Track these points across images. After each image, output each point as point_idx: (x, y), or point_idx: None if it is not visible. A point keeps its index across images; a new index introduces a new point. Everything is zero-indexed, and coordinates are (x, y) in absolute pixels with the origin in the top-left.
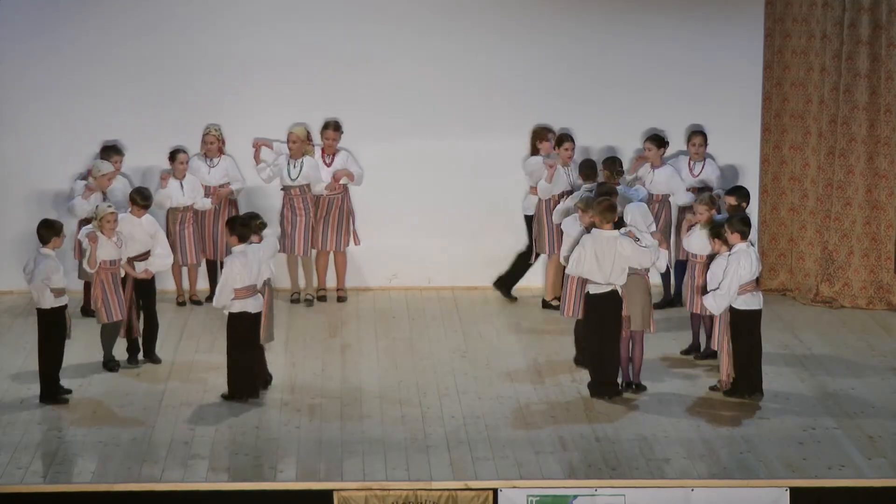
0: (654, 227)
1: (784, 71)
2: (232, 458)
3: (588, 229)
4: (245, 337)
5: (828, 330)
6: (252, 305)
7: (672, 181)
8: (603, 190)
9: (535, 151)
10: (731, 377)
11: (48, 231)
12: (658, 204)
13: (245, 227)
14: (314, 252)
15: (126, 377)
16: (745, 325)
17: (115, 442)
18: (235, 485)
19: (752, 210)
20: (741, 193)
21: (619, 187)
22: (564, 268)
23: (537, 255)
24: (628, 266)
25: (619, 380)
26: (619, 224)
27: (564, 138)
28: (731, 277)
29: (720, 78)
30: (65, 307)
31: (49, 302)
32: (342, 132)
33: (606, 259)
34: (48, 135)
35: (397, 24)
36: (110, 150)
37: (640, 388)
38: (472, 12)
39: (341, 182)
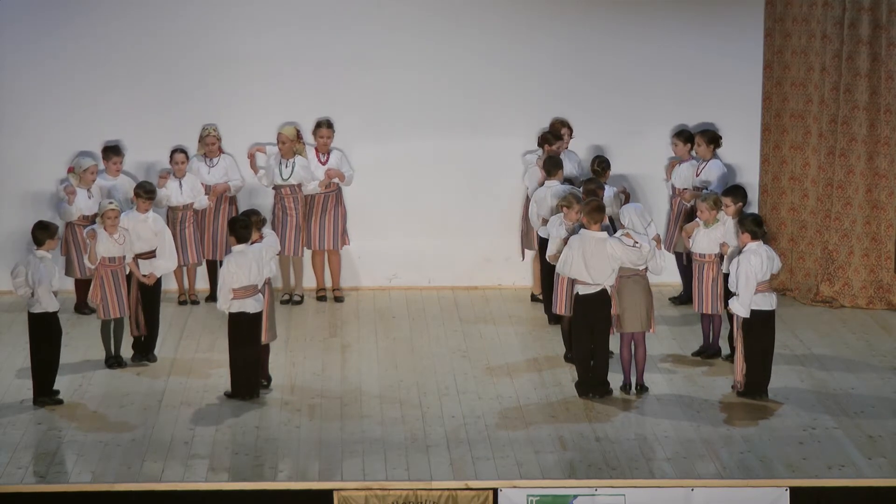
0: (652, 228)
1: (784, 71)
2: (232, 458)
3: (576, 230)
4: (244, 337)
5: (828, 330)
6: (251, 305)
7: (692, 178)
8: (589, 188)
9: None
10: (745, 378)
11: (43, 233)
12: (680, 198)
13: (245, 228)
14: (308, 252)
15: (126, 377)
16: (755, 326)
17: (115, 442)
18: (235, 485)
19: (752, 210)
20: (737, 194)
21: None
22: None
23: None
24: (622, 266)
25: (623, 380)
26: (613, 226)
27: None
28: (745, 277)
29: (720, 78)
30: (58, 309)
31: (54, 305)
32: (335, 130)
33: (594, 260)
34: (48, 135)
35: (396, 26)
36: (110, 151)
37: (642, 390)
38: (472, 14)
39: (333, 181)
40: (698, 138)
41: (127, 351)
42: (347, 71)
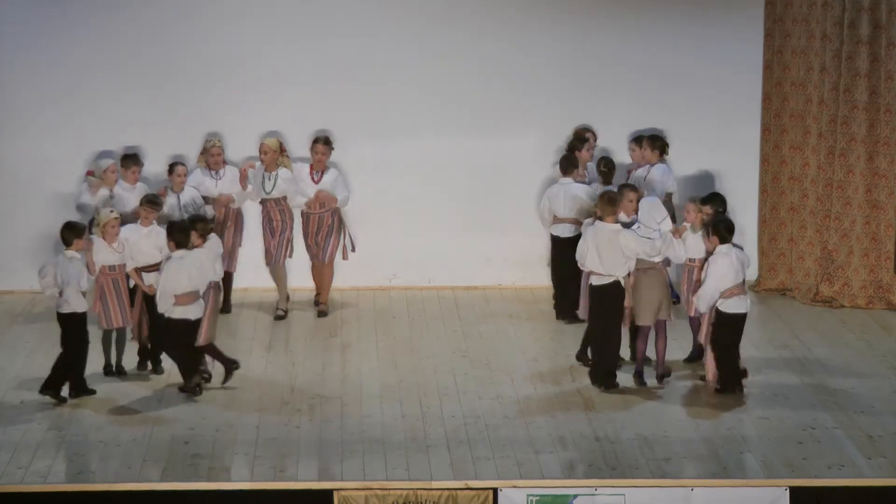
0: (668, 222)
1: (784, 71)
2: (232, 458)
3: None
4: (183, 341)
5: (828, 330)
6: (193, 312)
7: (648, 182)
8: (624, 186)
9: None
10: (717, 375)
11: (71, 233)
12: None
13: (183, 232)
14: (292, 263)
15: (126, 377)
16: (728, 328)
17: (116, 442)
18: (235, 485)
19: (752, 210)
20: (716, 202)
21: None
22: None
23: None
24: (638, 258)
25: (635, 368)
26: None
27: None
28: (710, 278)
29: (720, 78)
30: (87, 310)
31: (83, 305)
32: (332, 147)
33: (606, 251)
34: (56, 138)
35: (397, 26)
36: (129, 160)
37: (665, 377)
38: (474, 15)
39: (322, 204)
40: (645, 143)
41: (128, 358)
42: (348, 71)
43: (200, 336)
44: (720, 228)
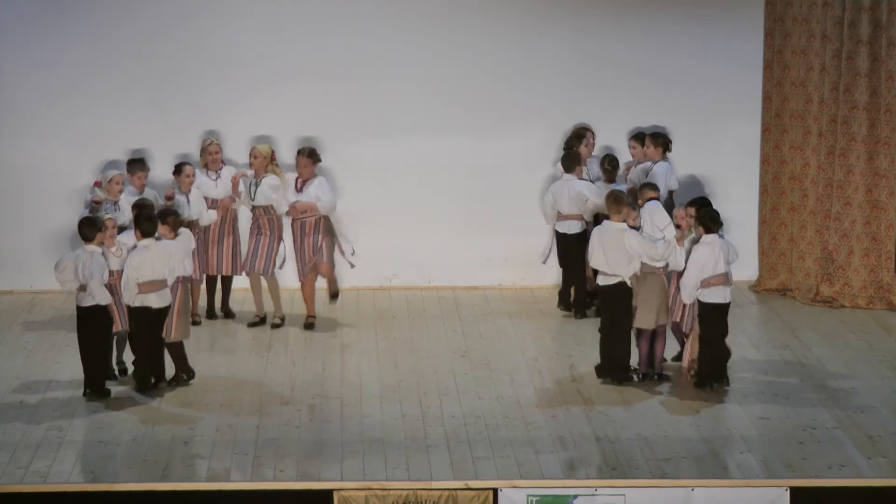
0: (670, 228)
1: (784, 71)
2: (232, 458)
3: (598, 220)
4: (143, 331)
5: (828, 330)
6: (154, 301)
7: (651, 178)
8: (645, 185)
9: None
10: (695, 366)
11: (91, 229)
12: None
13: (149, 220)
14: (281, 273)
15: (126, 378)
16: (710, 318)
17: (115, 442)
18: (235, 485)
19: (752, 210)
20: (701, 204)
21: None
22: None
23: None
24: (641, 261)
25: (641, 370)
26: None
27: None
28: (691, 266)
29: (720, 78)
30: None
31: (106, 298)
32: (317, 160)
33: (611, 250)
34: (56, 138)
35: (397, 26)
36: (135, 164)
37: (661, 378)
38: (474, 15)
39: (303, 211)
40: (648, 140)
41: (127, 359)
42: (348, 71)
43: (170, 332)
44: (705, 218)
